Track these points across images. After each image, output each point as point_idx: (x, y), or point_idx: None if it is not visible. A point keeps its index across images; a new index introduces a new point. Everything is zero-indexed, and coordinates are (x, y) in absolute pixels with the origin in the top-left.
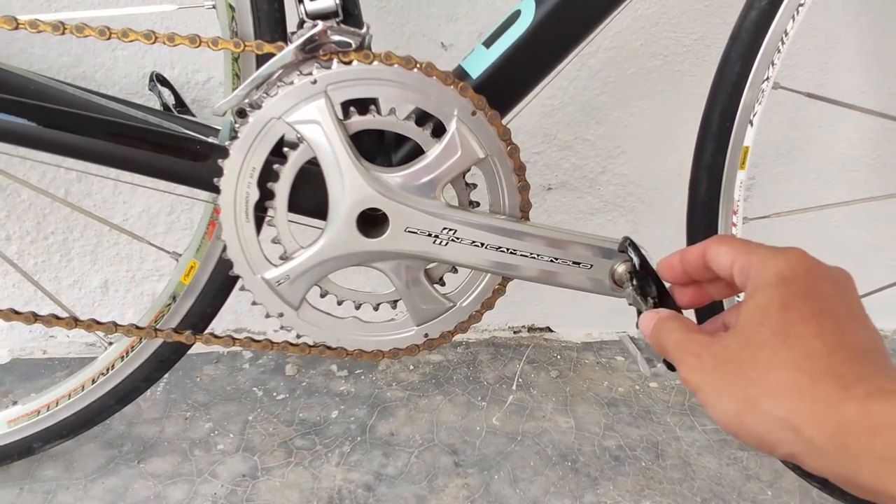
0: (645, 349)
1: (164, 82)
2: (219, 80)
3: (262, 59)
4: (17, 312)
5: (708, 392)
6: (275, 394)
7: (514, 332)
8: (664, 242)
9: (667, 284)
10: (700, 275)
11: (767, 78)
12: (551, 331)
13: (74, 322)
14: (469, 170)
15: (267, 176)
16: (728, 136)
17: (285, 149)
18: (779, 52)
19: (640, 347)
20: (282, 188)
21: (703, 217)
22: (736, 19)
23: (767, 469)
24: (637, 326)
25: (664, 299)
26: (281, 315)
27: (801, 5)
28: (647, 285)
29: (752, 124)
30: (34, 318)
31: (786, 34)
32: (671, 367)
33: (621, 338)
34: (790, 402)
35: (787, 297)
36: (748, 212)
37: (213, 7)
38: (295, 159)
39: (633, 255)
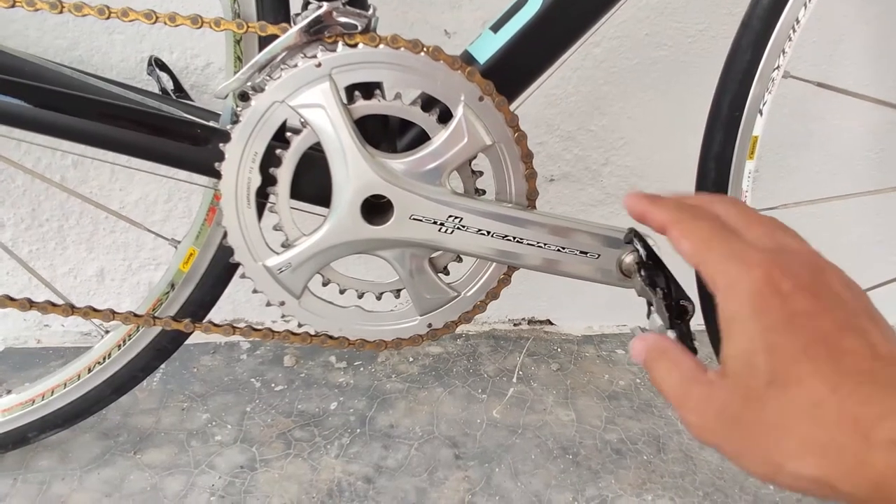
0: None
1: (163, 67)
2: (218, 65)
3: (265, 42)
4: (12, 299)
5: (730, 453)
6: (273, 385)
7: (515, 325)
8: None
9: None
10: (660, 233)
11: (778, 67)
12: (552, 323)
13: (71, 309)
14: (475, 157)
15: (269, 161)
16: (737, 126)
17: (288, 133)
18: (790, 40)
19: None
20: (284, 174)
21: None
22: (747, 7)
23: None
24: (655, 308)
25: (673, 290)
26: (282, 304)
27: None
28: (656, 276)
29: (761, 114)
30: (30, 304)
31: (797, 22)
32: None
33: (632, 329)
34: (817, 463)
35: (769, 336)
36: (754, 203)
37: None
38: (298, 144)
39: (639, 246)
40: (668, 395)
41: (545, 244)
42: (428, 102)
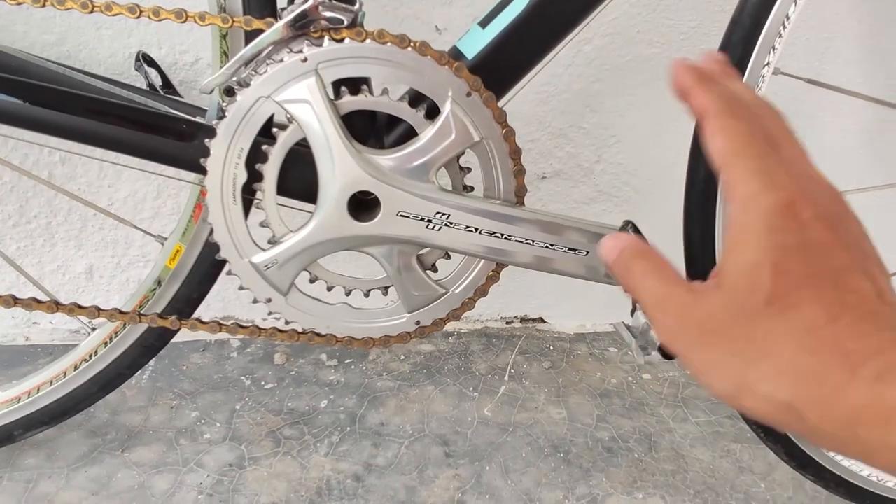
0: (639, 337)
1: (151, 62)
2: (207, 61)
3: (251, 36)
4: None
5: (695, 363)
6: (263, 383)
7: (507, 323)
8: (660, 233)
9: None
10: (694, 121)
11: (768, 63)
12: (544, 321)
13: (56, 306)
14: (463, 153)
15: (255, 157)
16: None
17: (274, 129)
18: (780, 36)
19: (634, 335)
20: (270, 170)
21: (700, 204)
22: (737, 3)
23: (761, 461)
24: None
25: None
26: (269, 301)
27: None
28: None
29: None
30: (14, 301)
31: (787, 18)
32: (667, 357)
33: (616, 325)
34: (792, 387)
35: (779, 256)
36: None
37: None
38: (284, 140)
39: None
40: (643, 297)
41: (533, 241)
42: (415, 98)
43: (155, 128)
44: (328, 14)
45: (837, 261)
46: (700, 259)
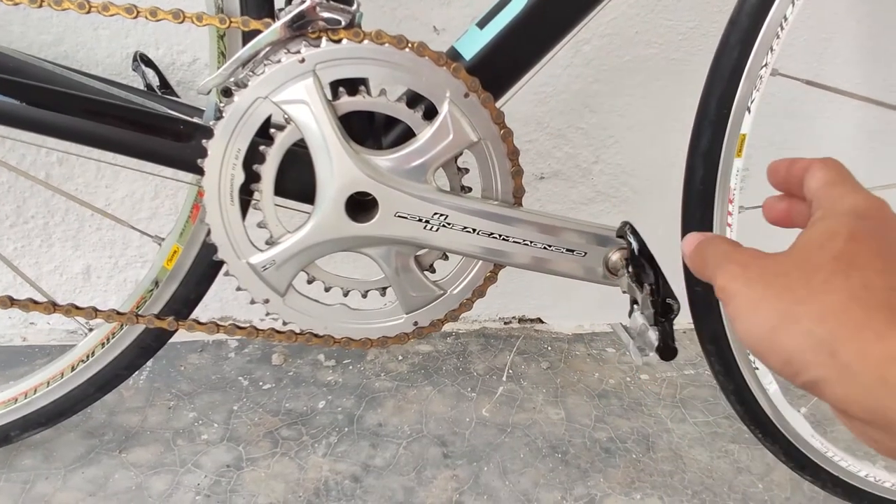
0: (637, 337)
1: (149, 63)
2: (205, 61)
3: (248, 37)
4: None
5: (743, 301)
6: (261, 383)
7: (505, 323)
8: (658, 233)
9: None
10: (797, 189)
11: (766, 64)
12: (542, 322)
13: (53, 307)
14: (461, 154)
15: (253, 158)
16: (725, 123)
17: (272, 130)
18: (778, 37)
19: (632, 336)
20: (268, 170)
21: (698, 205)
22: (735, 3)
23: (759, 462)
24: (639, 306)
25: (661, 287)
26: (266, 301)
27: None
28: (644, 272)
29: (749, 111)
30: (10, 302)
31: (785, 19)
32: (664, 356)
33: (613, 326)
34: (835, 326)
35: (858, 230)
36: (744, 201)
37: None
38: (282, 141)
39: (632, 239)
40: (714, 258)
41: (531, 242)
42: (413, 99)
43: (152, 128)
44: (326, 15)
45: None
46: None
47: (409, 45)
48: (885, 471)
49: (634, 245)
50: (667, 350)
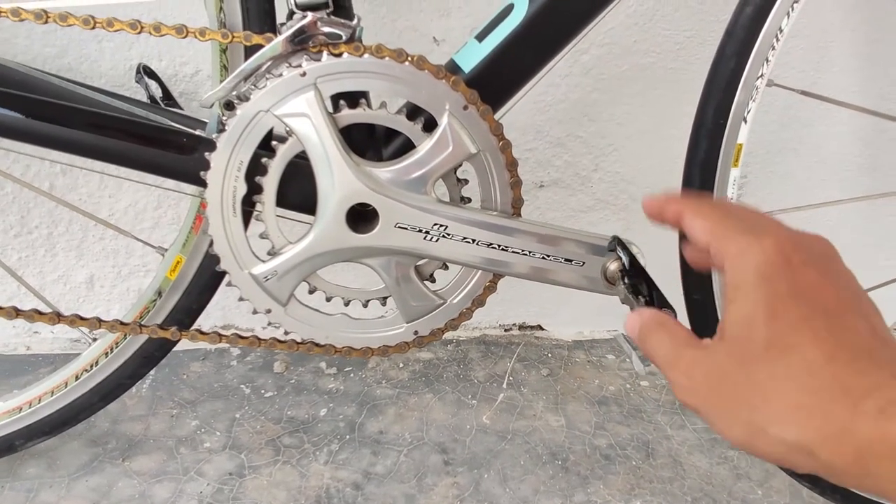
0: (638, 347)
1: (152, 74)
2: (207, 72)
3: (250, 51)
4: None
5: (709, 415)
6: (263, 391)
7: (506, 330)
8: (656, 241)
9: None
10: (674, 227)
11: (762, 75)
12: (542, 329)
13: (57, 317)
14: (461, 165)
15: (255, 170)
16: (722, 133)
17: (274, 142)
18: (773, 48)
19: (633, 346)
20: (270, 182)
21: None
22: (731, 15)
23: (758, 468)
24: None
25: (656, 298)
26: (268, 311)
27: (797, 2)
28: (639, 284)
29: (745, 121)
30: (16, 313)
31: (780, 31)
32: None
33: (615, 336)
34: (800, 428)
35: (773, 302)
36: None
37: None
38: (283, 153)
39: (621, 254)
40: (659, 361)
41: (530, 252)
42: (413, 111)
43: (155, 141)
44: (326, 29)
45: (830, 302)
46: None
47: (409, 58)
48: None
49: (624, 259)
50: None
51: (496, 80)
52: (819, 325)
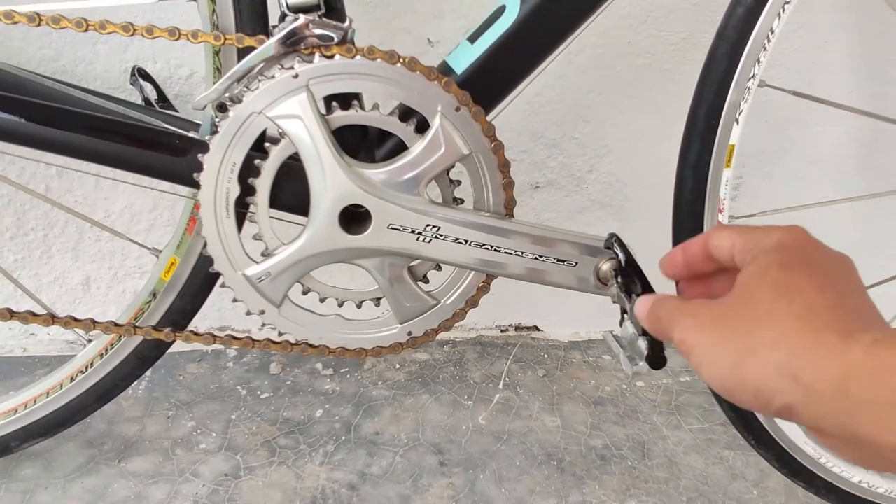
0: (627, 347)
1: (146, 77)
2: (202, 74)
3: (243, 53)
4: None
5: (703, 349)
6: (259, 392)
7: (502, 331)
8: (651, 241)
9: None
10: (702, 266)
11: (753, 76)
12: (538, 329)
13: (52, 319)
14: (453, 166)
15: (248, 171)
16: (714, 135)
17: (266, 144)
18: (765, 49)
19: (622, 345)
20: (263, 184)
21: (688, 216)
22: (722, 17)
23: (753, 468)
24: (629, 316)
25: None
26: (262, 312)
27: (787, 3)
28: (632, 283)
29: (737, 122)
30: (10, 314)
31: (772, 32)
32: (654, 366)
33: (605, 336)
34: (790, 349)
35: (787, 259)
36: (734, 211)
37: (194, 0)
38: (276, 154)
39: (618, 251)
40: (667, 317)
41: (522, 253)
42: (405, 113)
43: (149, 143)
44: (318, 32)
45: (841, 279)
46: None
47: (401, 60)
48: (878, 476)
49: (621, 256)
50: (656, 359)
51: (488, 82)
52: (826, 283)
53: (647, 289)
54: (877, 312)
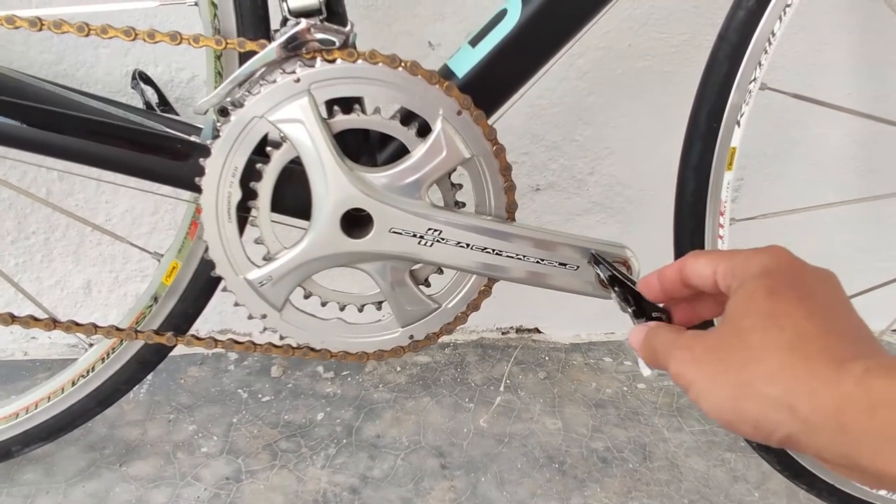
0: None
1: (148, 80)
2: (203, 78)
3: (244, 57)
4: None
5: (701, 384)
6: (260, 396)
7: (503, 333)
8: (652, 243)
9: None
10: (679, 292)
11: (755, 78)
12: (539, 332)
13: (53, 323)
14: (455, 170)
15: (249, 175)
16: (715, 137)
17: (268, 148)
18: (766, 52)
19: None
20: (265, 188)
21: (690, 218)
22: (723, 20)
23: (755, 471)
24: (628, 341)
25: (645, 305)
26: (264, 316)
27: (789, 6)
28: (626, 296)
29: (739, 125)
30: (12, 319)
31: (773, 35)
32: None
33: (612, 339)
34: (785, 382)
35: (774, 284)
36: (735, 213)
37: (196, 4)
38: (278, 158)
39: (598, 270)
40: (662, 347)
41: (524, 256)
42: (407, 116)
43: (150, 147)
44: (320, 36)
45: (828, 299)
46: None
47: (403, 64)
48: None
49: (602, 275)
50: None
51: (490, 85)
52: (814, 307)
53: (638, 298)
54: (864, 330)
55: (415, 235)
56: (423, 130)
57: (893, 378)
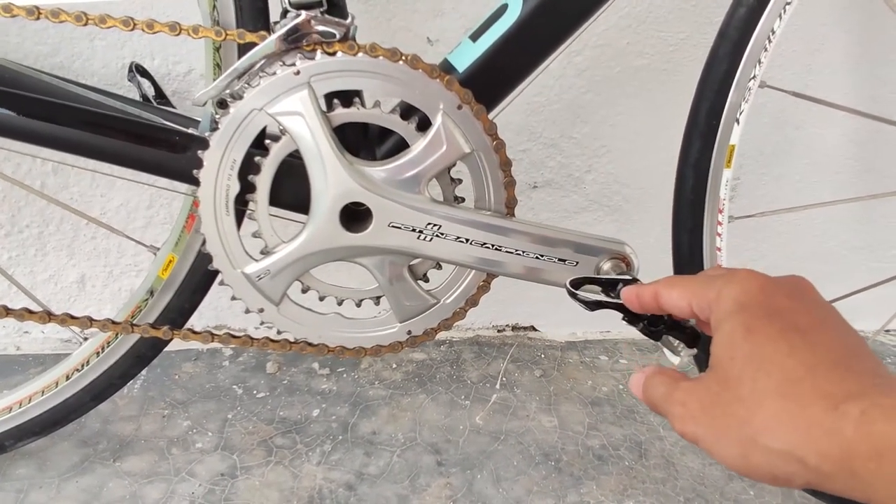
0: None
1: (144, 73)
2: (200, 71)
3: (244, 49)
4: None
5: (707, 443)
6: (255, 392)
7: (499, 331)
8: (649, 241)
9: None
10: (659, 312)
11: (754, 76)
12: (536, 330)
13: (48, 316)
14: (454, 164)
15: (248, 168)
16: (714, 134)
17: (267, 141)
18: (766, 50)
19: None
20: (263, 181)
21: (688, 216)
22: (724, 17)
23: None
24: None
25: (631, 313)
26: (261, 311)
27: (788, 4)
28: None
29: (738, 123)
30: (6, 312)
31: (773, 33)
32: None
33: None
34: (787, 435)
35: (749, 321)
36: (733, 211)
37: None
38: (277, 152)
39: (579, 303)
40: (658, 401)
41: (523, 252)
42: (407, 110)
43: (148, 139)
44: (320, 28)
45: (802, 320)
46: (688, 266)
47: (403, 57)
48: None
49: (584, 307)
50: (692, 341)
51: (490, 80)
52: (795, 338)
53: (628, 311)
54: (848, 343)
55: (414, 230)
56: (423, 125)
57: (891, 422)
